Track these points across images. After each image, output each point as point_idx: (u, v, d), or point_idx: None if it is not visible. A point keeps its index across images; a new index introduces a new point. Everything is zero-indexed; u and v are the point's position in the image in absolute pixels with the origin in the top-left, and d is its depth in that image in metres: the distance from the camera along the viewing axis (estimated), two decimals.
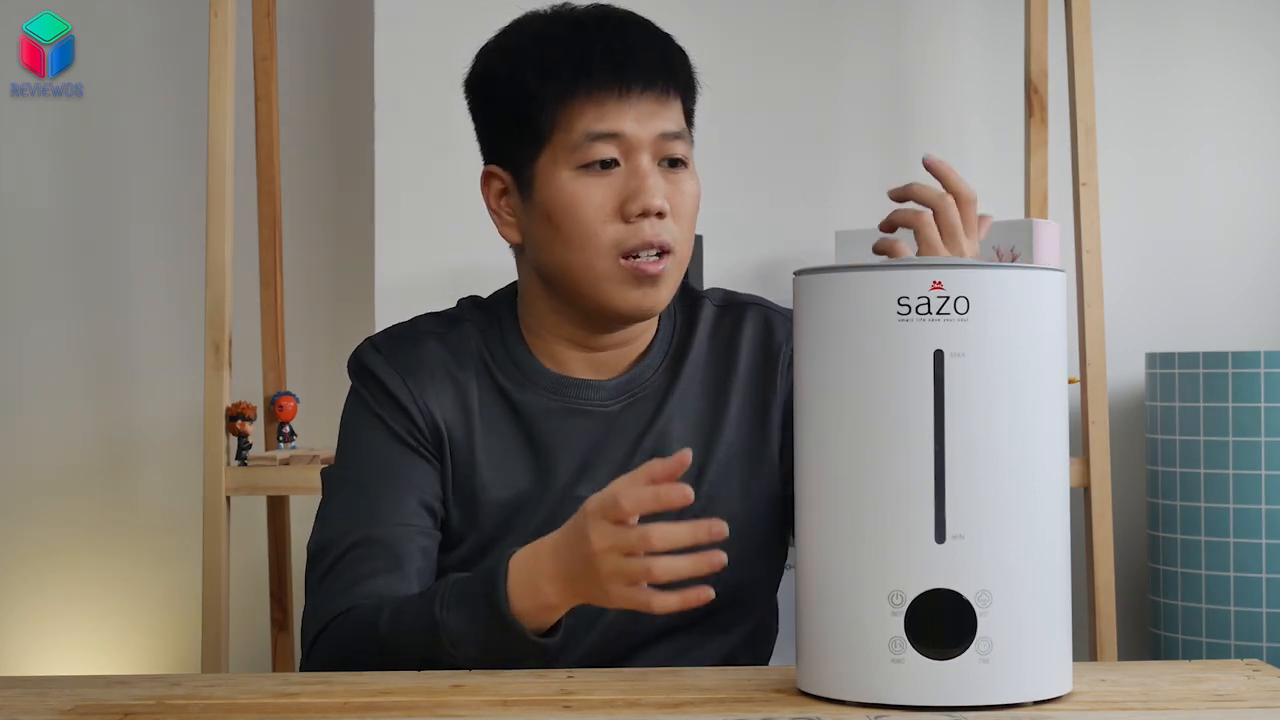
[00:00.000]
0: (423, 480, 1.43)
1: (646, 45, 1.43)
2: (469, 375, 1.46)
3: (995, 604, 1.05)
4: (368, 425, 1.46)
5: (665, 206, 1.40)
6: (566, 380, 1.47)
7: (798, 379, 1.13)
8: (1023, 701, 1.07)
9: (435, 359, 1.46)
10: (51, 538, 3.23)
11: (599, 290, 1.41)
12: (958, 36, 3.09)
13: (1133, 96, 3.09)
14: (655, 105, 1.41)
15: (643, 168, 1.40)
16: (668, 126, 1.42)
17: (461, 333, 1.49)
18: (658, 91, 1.41)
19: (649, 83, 1.41)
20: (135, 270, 3.26)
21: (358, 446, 1.46)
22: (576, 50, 1.41)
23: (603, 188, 1.40)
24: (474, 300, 1.55)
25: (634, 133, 1.40)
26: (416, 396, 1.44)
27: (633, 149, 1.40)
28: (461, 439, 1.44)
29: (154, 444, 3.24)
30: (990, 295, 1.06)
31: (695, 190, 1.45)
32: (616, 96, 1.40)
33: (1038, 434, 1.07)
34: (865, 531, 1.07)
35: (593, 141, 1.40)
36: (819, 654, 1.10)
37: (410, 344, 1.48)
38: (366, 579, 1.38)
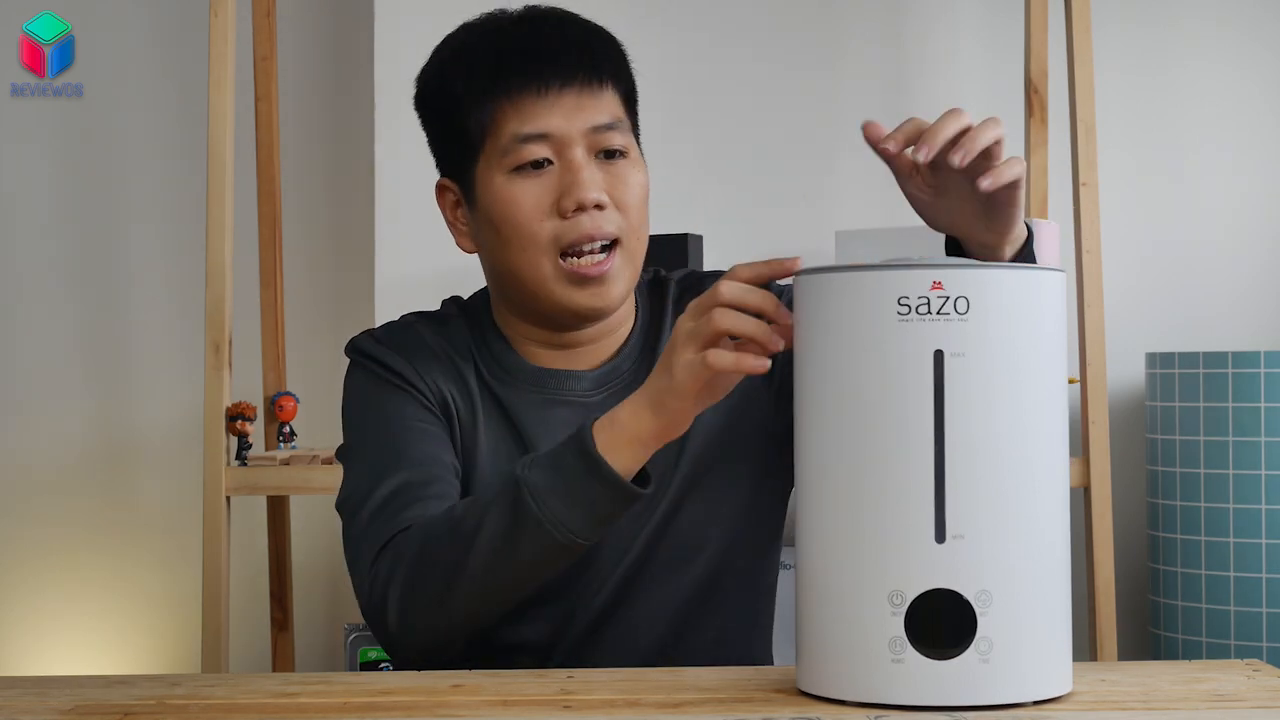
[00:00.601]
0: (442, 437, 1.44)
1: (564, 40, 1.43)
2: (467, 366, 1.48)
3: (995, 604, 1.05)
4: (378, 393, 1.46)
5: (602, 199, 1.40)
6: (548, 373, 1.47)
7: (798, 379, 1.13)
8: (1023, 701, 1.07)
9: (434, 346, 1.48)
10: (51, 538, 3.23)
11: (547, 292, 1.42)
12: (958, 36, 3.09)
13: (1133, 96, 3.09)
14: (581, 99, 1.41)
15: (576, 162, 1.41)
16: (598, 119, 1.42)
17: (453, 328, 1.51)
18: (581, 85, 1.41)
19: (569, 77, 1.41)
20: (135, 270, 3.26)
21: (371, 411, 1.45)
22: (494, 54, 1.42)
23: (537, 187, 1.41)
24: (456, 300, 1.56)
25: (562, 130, 1.40)
26: (422, 374, 1.45)
27: (564, 145, 1.41)
28: (467, 419, 1.45)
29: (154, 444, 3.24)
30: (990, 295, 1.06)
31: (640, 179, 1.45)
32: (536, 95, 1.40)
33: (1038, 434, 1.08)
34: (865, 531, 1.07)
35: (521, 144, 1.41)
36: (819, 654, 1.10)
37: (407, 333, 1.49)
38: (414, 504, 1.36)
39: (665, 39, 2.96)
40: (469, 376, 1.47)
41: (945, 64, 3.09)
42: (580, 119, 1.41)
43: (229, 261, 2.49)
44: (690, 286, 1.55)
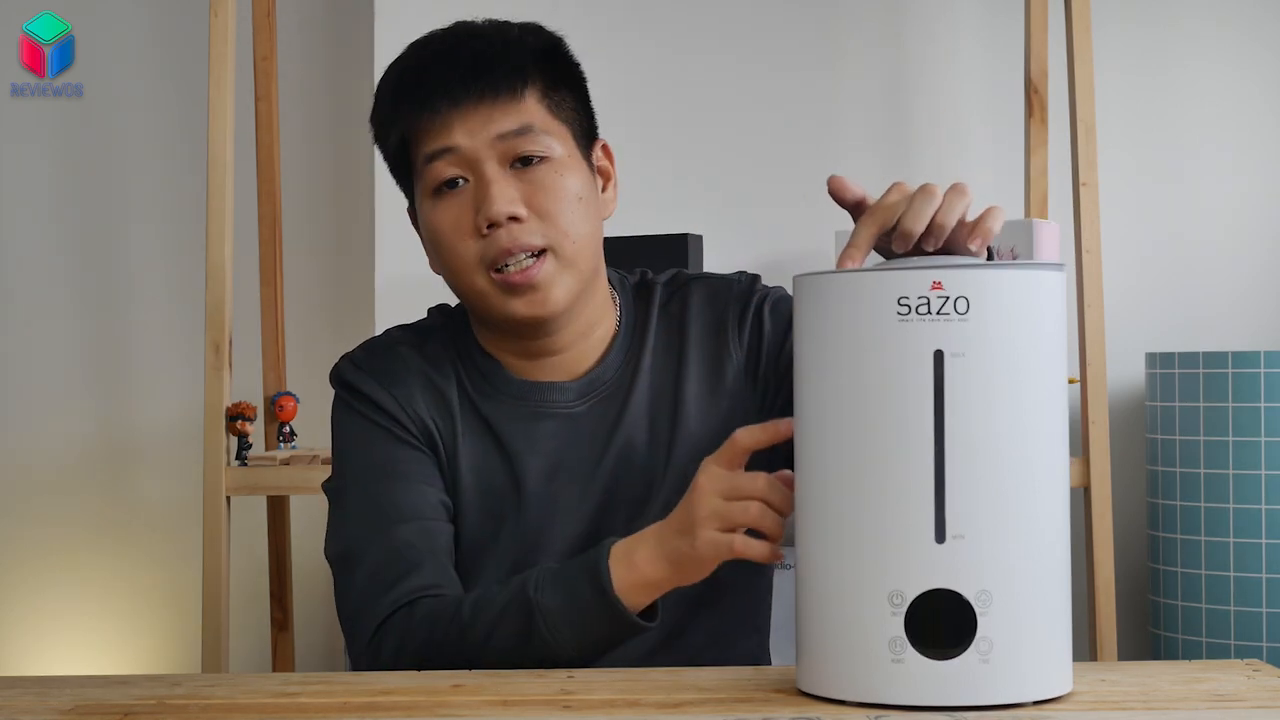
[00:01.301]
0: (428, 473, 1.44)
1: (465, 53, 1.40)
2: (448, 381, 1.47)
3: (995, 604, 1.05)
4: (363, 430, 1.46)
5: (517, 210, 1.38)
6: (530, 385, 1.47)
7: (798, 379, 1.13)
8: (1023, 701, 1.07)
9: (413, 367, 1.48)
10: (52, 538, 3.24)
11: (488, 306, 1.42)
12: (958, 36, 3.09)
13: (1133, 96, 3.09)
14: (483, 109, 1.38)
15: (485, 176, 1.38)
16: (504, 126, 1.38)
17: (435, 342, 1.50)
18: (481, 95, 1.38)
19: (464, 91, 1.38)
20: (135, 270, 3.26)
21: (358, 452, 1.46)
22: (398, 82, 1.43)
23: (455, 207, 1.40)
24: (443, 309, 1.56)
25: (466, 143, 1.39)
26: (402, 403, 1.45)
27: (473, 160, 1.39)
28: (449, 440, 1.45)
29: (154, 444, 3.24)
30: (990, 295, 1.06)
31: (569, 182, 1.41)
32: (431, 112, 1.39)
33: (1038, 434, 1.07)
34: (865, 531, 1.07)
35: (430, 163, 1.40)
36: (819, 654, 1.10)
37: (387, 356, 1.49)
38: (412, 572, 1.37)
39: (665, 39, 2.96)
40: (450, 393, 1.47)
41: (945, 64, 3.09)
42: (485, 130, 1.38)
43: (229, 261, 2.49)
44: (677, 290, 1.53)
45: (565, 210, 1.40)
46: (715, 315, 1.51)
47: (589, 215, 1.42)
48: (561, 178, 1.40)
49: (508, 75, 1.39)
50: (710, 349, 1.49)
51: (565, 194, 1.40)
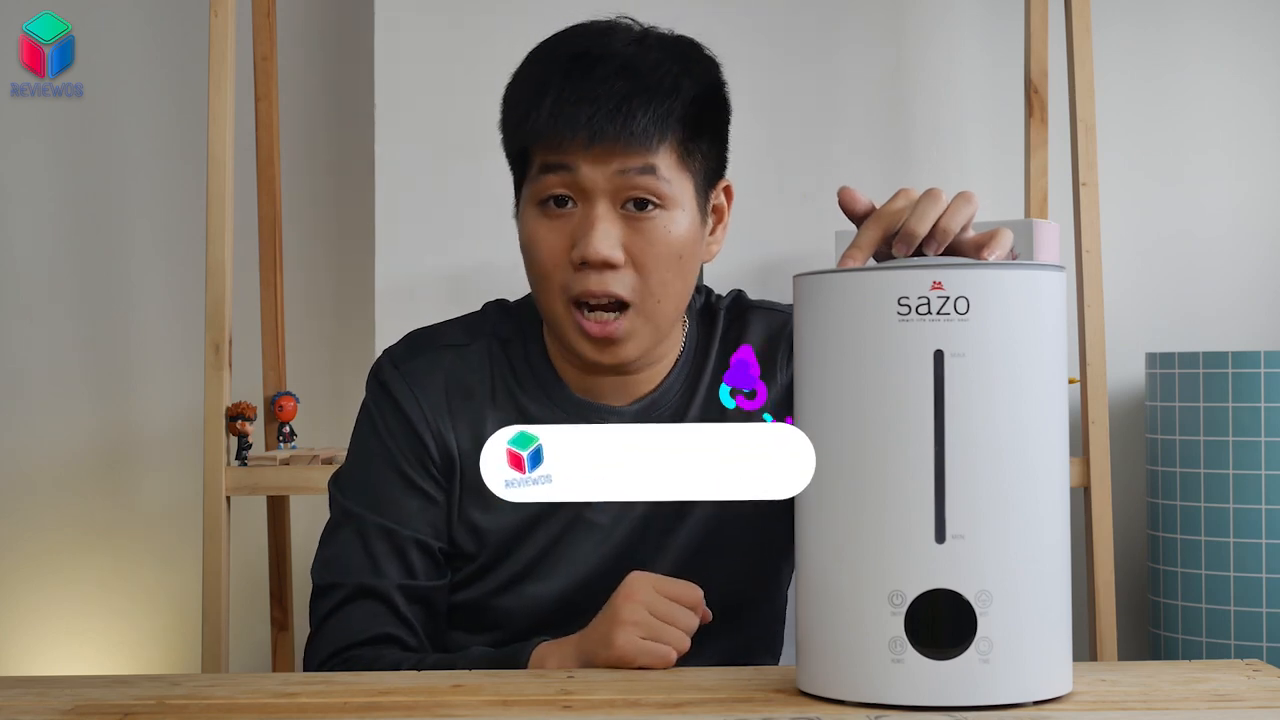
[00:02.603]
0: (424, 523, 1.44)
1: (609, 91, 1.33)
2: (485, 395, 1.45)
3: (995, 604, 1.05)
4: (376, 455, 1.46)
5: (615, 257, 1.33)
6: (588, 405, 1.45)
7: (798, 379, 1.13)
8: (1023, 701, 1.07)
9: (452, 379, 1.45)
10: (52, 538, 3.24)
11: (563, 333, 1.40)
12: (958, 36, 3.09)
13: (1133, 96, 3.09)
14: (621, 148, 1.33)
15: (594, 213, 1.34)
16: (629, 164, 1.33)
17: (481, 347, 1.47)
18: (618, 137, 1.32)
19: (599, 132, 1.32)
20: (135, 270, 3.26)
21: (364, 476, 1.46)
22: (539, 84, 1.36)
23: (555, 229, 1.36)
24: (501, 305, 1.52)
25: (586, 174, 1.33)
26: (430, 420, 1.44)
27: (587, 191, 1.34)
28: (473, 464, 1.42)
29: (154, 444, 3.24)
30: (990, 295, 1.06)
31: (672, 236, 1.35)
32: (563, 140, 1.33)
33: (1038, 434, 1.07)
34: (865, 531, 1.07)
35: (543, 174, 1.35)
36: (819, 654, 1.10)
37: (429, 360, 1.46)
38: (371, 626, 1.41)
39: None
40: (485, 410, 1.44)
41: (945, 64, 3.08)
42: (608, 164, 1.33)
43: (229, 261, 2.49)
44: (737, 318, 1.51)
45: (662, 267, 1.35)
46: (768, 344, 1.50)
47: (685, 270, 1.38)
48: (669, 231, 1.35)
49: (649, 127, 1.33)
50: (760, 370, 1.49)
51: (668, 250, 1.35)
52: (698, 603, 1.28)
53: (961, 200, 1.18)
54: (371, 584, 1.42)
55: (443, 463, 1.44)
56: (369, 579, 1.42)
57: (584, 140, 1.32)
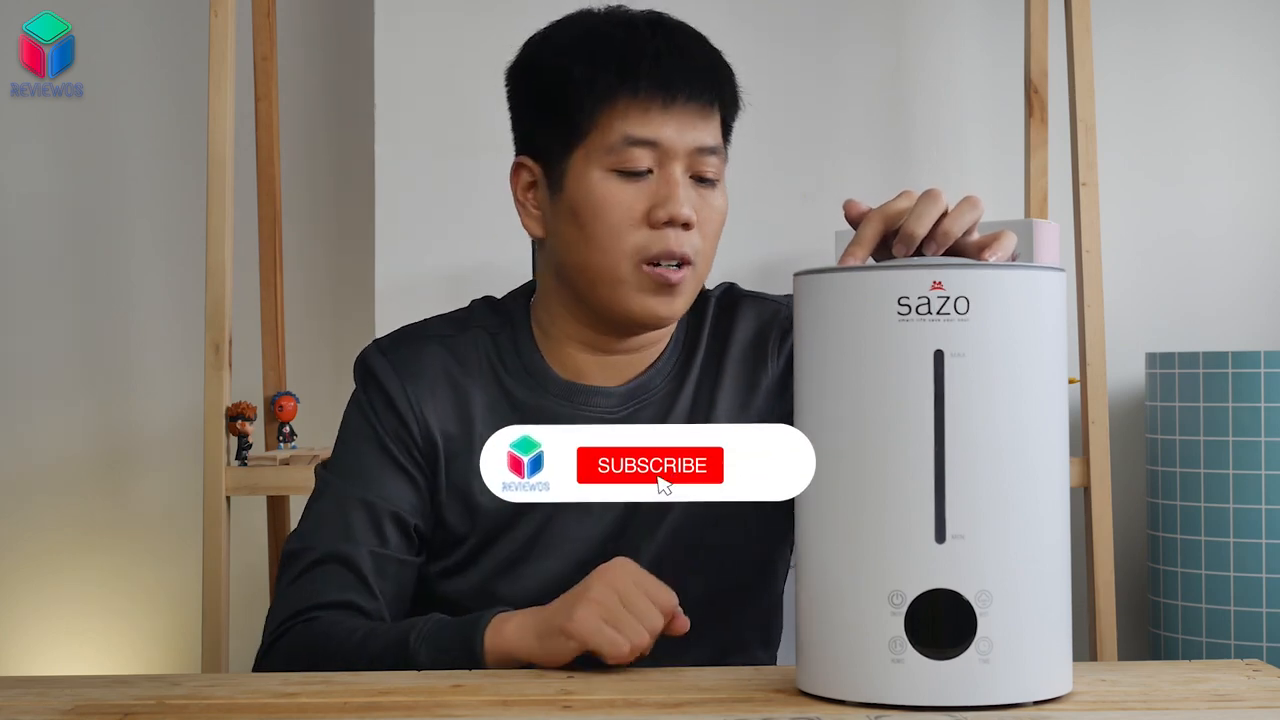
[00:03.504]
0: (404, 499, 1.45)
1: (697, 55, 1.43)
2: (472, 382, 1.47)
3: (995, 604, 1.05)
4: (360, 433, 1.48)
5: (693, 217, 1.40)
6: (576, 387, 1.46)
7: (798, 379, 1.13)
8: (1023, 701, 1.07)
9: (438, 365, 1.47)
10: (52, 538, 3.24)
11: (617, 295, 1.41)
12: (958, 36, 3.09)
13: (1133, 96, 3.09)
14: (696, 117, 1.41)
15: (675, 177, 1.40)
16: (705, 140, 1.41)
17: (469, 338, 1.49)
18: (701, 103, 1.41)
19: (694, 93, 1.40)
20: (135, 270, 3.26)
21: (348, 454, 1.48)
22: (628, 51, 1.40)
23: (632, 192, 1.39)
24: (487, 301, 1.54)
25: (671, 142, 1.39)
26: (414, 404, 1.45)
27: (667, 158, 1.40)
28: (459, 448, 1.45)
29: (154, 444, 3.24)
30: (990, 295, 1.06)
31: (723, 207, 1.45)
32: (661, 104, 1.39)
33: (1038, 434, 1.07)
34: (865, 531, 1.07)
35: (630, 146, 1.39)
36: (819, 654, 1.10)
37: (415, 349, 1.48)
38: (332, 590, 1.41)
39: None
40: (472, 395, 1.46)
41: (945, 64, 3.08)
42: (690, 135, 1.40)
43: (229, 261, 2.49)
44: (728, 306, 1.54)
45: (714, 232, 1.44)
46: (759, 332, 1.52)
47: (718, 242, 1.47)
48: (721, 200, 1.45)
49: (725, 93, 1.44)
50: (748, 364, 1.51)
51: (719, 218, 1.44)
52: (671, 608, 1.26)
53: (967, 205, 1.19)
54: (342, 549, 1.42)
55: (425, 447, 1.45)
56: (339, 544, 1.42)
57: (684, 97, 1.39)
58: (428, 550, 1.48)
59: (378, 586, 1.42)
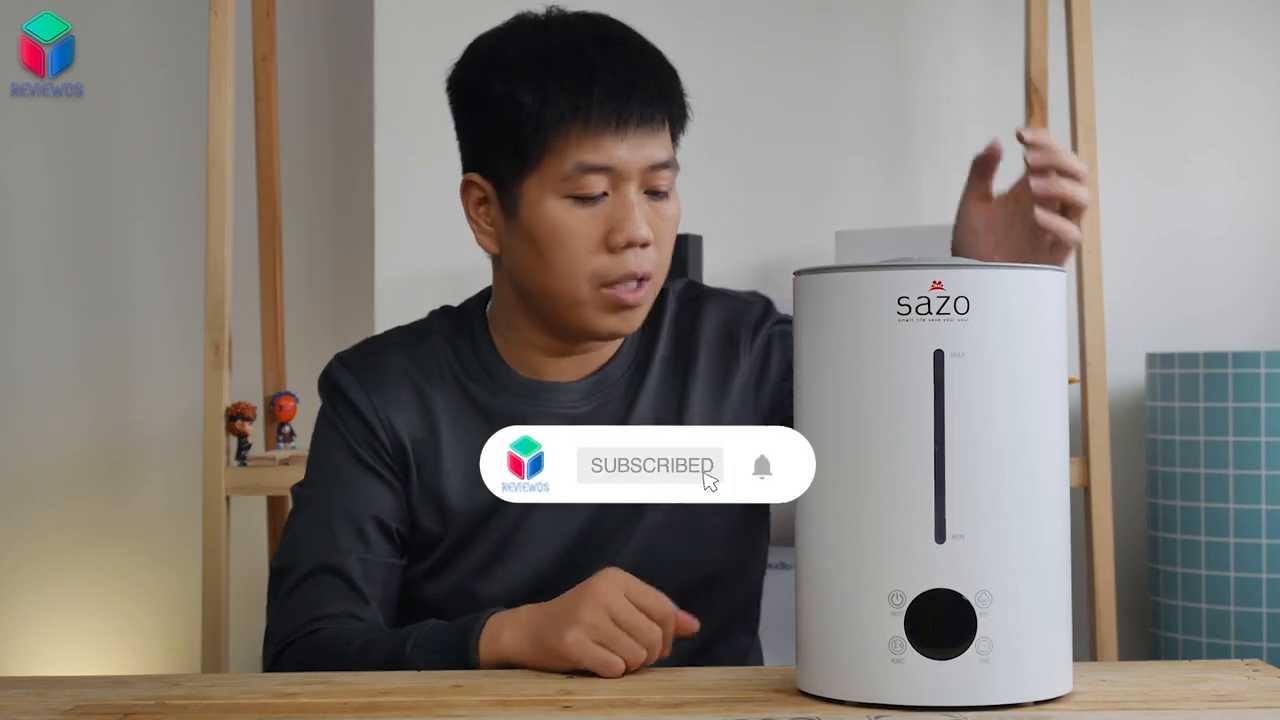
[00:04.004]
0: (382, 503, 1.46)
1: (645, 74, 1.42)
2: (434, 387, 1.48)
3: (995, 604, 1.05)
4: (332, 444, 1.49)
5: (650, 236, 1.40)
6: (536, 384, 1.48)
7: (798, 379, 1.13)
8: (1023, 701, 1.07)
9: (400, 373, 1.48)
10: (52, 538, 3.23)
11: (576, 314, 1.42)
12: (958, 36, 3.09)
13: (1133, 97, 3.09)
14: (647, 135, 1.40)
15: (629, 199, 1.40)
16: (657, 156, 1.41)
17: (429, 345, 1.50)
18: (653, 123, 1.41)
19: (645, 116, 1.40)
20: (135, 270, 3.26)
21: (322, 467, 1.49)
22: (577, 80, 1.38)
23: (588, 217, 1.40)
24: (445, 310, 1.56)
25: (624, 164, 1.39)
26: (380, 412, 1.47)
27: (621, 180, 1.40)
28: (427, 452, 1.46)
29: (154, 444, 3.24)
30: (990, 295, 1.06)
31: (676, 215, 1.45)
32: (614, 129, 1.38)
33: (1038, 434, 1.07)
34: (865, 531, 1.07)
35: (584, 173, 1.39)
36: (819, 654, 1.10)
37: (376, 359, 1.50)
38: (328, 602, 1.42)
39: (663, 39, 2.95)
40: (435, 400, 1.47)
41: (945, 64, 3.08)
42: (642, 154, 1.40)
43: (229, 261, 2.49)
44: (691, 301, 1.54)
45: (669, 243, 1.45)
46: (728, 328, 1.53)
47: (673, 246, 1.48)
48: (674, 210, 1.44)
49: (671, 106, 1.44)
50: (720, 358, 1.51)
51: (673, 227, 1.45)
52: (665, 615, 1.25)
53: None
54: (331, 560, 1.43)
55: (395, 452, 1.46)
56: (327, 556, 1.43)
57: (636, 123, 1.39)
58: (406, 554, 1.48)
59: (369, 592, 1.44)
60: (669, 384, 1.50)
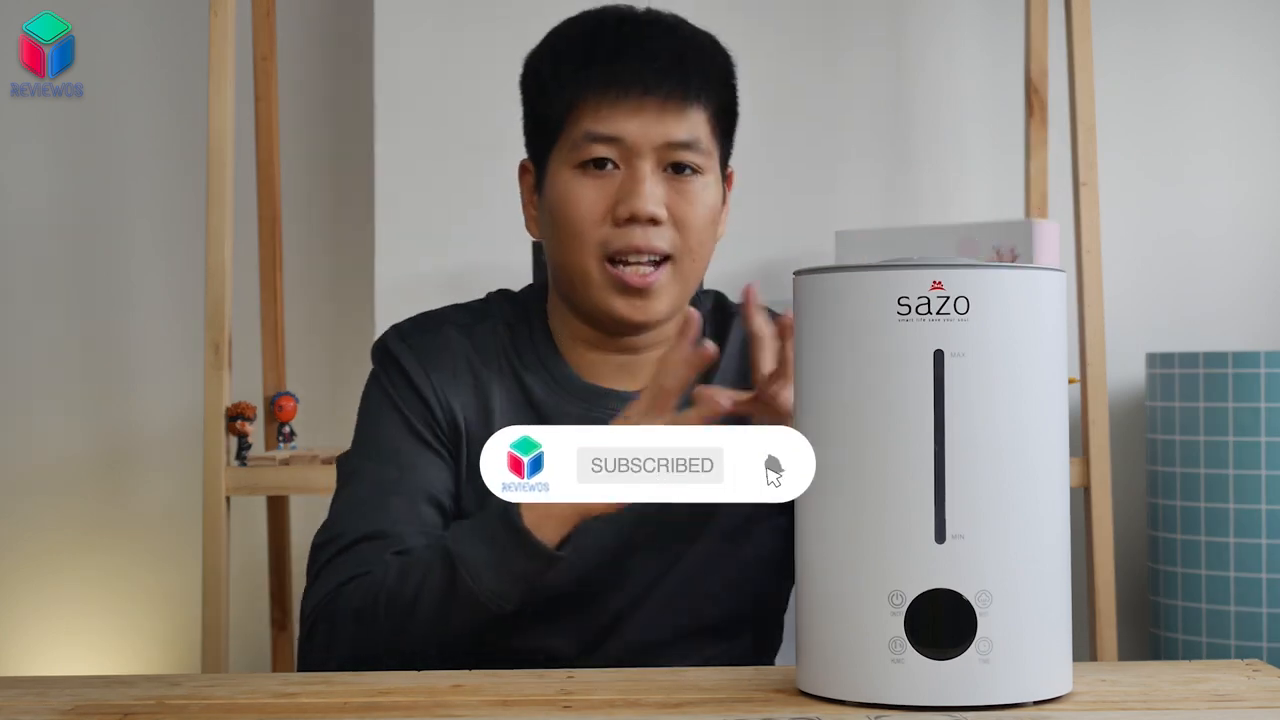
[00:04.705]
0: (435, 478, 1.42)
1: (665, 48, 1.40)
2: (491, 373, 1.45)
3: (995, 604, 1.05)
4: (385, 415, 1.45)
5: (659, 213, 1.38)
6: (594, 389, 1.45)
7: (798, 379, 1.13)
8: (1023, 701, 1.07)
9: (458, 352, 1.45)
10: (52, 538, 3.24)
11: (589, 294, 1.41)
12: (958, 36, 3.09)
13: (1133, 97, 3.09)
14: (666, 111, 1.39)
15: (639, 172, 1.39)
16: (676, 134, 1.39)
17: (487, 328, 1.48)
18: (665, 98, 1.38)
19: (653, 87, 1.38)
20: (135, 270, 3.26)
21: (375, 437, 1.45)
22: (586, 49, 1.40)
23: (596, 188, 1.39)
24: (505, 294, 1.54)
25: (634, 138, 1.38)
26: (437, 389, 1.44)
27: (632, 153, 1.39)
28: (479, 436, 1.42)
29: (154, 444, 3.24)
30: (990, 295, 1.06)
31: (708, 199, 1.42)
32: (624, 100, 1.38)
33: (1038, 434, 1.07)
34: (865, 531, 1.07)
35: (590, 142, 1.39)
36: (819, 654, 1.10)
37: (434, 335, 1.47)
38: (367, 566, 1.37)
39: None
40: (491, 386, 1.44)
41: (945, 64, 3.09)
42: (657, 131, 1.39)
43: (229, 261, 2.49)
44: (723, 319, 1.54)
45: (700, 225, 1.41)
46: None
47: (712, 236, 1.45)
48: (706, 192, 1.42)
49: (698, 86, 1.41)
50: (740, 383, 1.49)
51: (705, 209, 1.42)
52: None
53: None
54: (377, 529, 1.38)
55: (449, 430, 1.44)
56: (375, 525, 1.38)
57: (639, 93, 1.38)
58: None
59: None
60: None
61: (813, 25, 3.06)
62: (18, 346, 3.26)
